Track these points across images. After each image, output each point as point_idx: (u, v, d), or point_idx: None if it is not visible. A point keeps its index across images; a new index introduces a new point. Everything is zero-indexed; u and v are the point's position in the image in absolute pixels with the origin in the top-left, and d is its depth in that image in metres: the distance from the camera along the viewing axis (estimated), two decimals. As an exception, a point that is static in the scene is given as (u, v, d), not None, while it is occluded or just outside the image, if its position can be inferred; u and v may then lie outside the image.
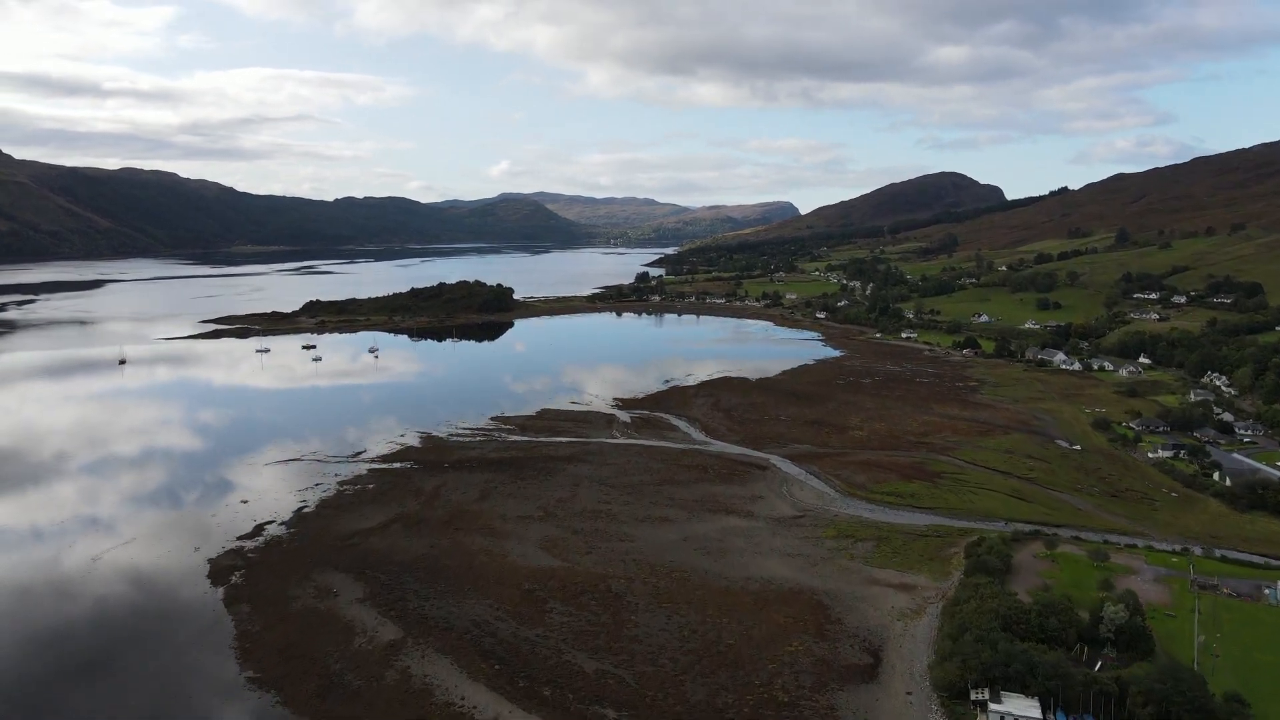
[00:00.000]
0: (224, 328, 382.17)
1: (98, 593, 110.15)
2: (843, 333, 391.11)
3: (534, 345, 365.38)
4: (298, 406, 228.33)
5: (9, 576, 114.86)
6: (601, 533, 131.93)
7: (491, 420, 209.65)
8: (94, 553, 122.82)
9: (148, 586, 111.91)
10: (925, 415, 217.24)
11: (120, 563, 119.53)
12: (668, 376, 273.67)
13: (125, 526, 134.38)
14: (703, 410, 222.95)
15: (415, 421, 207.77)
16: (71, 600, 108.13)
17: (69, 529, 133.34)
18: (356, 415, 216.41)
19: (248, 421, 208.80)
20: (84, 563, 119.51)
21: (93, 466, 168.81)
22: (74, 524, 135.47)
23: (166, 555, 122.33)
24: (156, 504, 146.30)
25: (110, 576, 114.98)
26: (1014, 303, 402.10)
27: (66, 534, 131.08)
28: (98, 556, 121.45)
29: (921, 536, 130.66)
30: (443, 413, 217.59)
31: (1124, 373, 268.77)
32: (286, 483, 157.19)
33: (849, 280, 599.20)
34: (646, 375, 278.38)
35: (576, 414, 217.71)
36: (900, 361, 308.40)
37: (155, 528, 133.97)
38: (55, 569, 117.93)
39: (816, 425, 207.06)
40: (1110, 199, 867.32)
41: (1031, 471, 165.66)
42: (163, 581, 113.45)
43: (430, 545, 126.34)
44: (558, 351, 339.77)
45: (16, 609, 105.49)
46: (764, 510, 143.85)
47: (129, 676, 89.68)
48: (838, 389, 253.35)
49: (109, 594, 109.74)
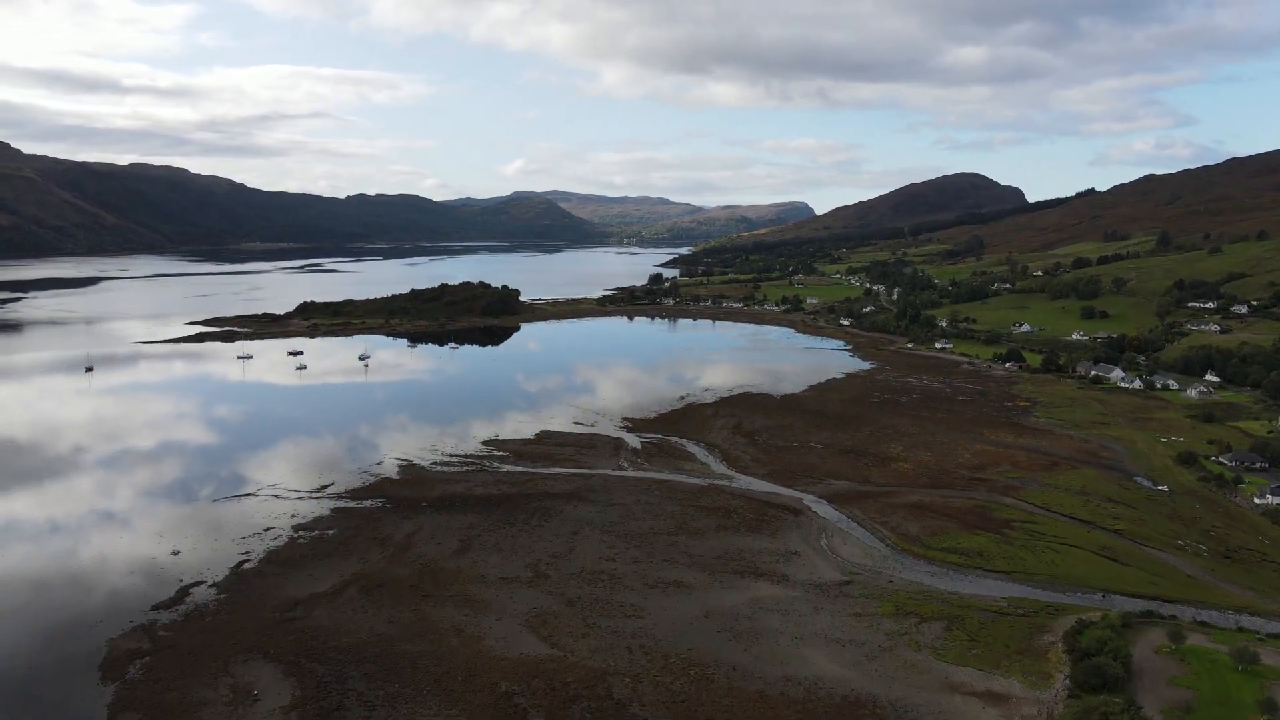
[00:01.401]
0: (210, 330, 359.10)
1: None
2: (870, 342, 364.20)
3: (538, 353, 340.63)
4: (267, 426, 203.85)
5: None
6: (603, 604, 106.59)
7: (483, 445, 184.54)
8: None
9: (10, 688, 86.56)
10: (976, 443, 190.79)
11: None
12: (683, 392, 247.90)
13: (7, 592, 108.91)
14: (723, 435, 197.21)
15: (396, 445, 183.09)
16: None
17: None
18: (331, 437, 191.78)
19: (204, 445, 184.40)
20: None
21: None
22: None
23: (53, 634, 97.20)
24: (60, 557, 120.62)
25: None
26: (1055, 311, 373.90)
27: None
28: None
29: (1002, 615, 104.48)
30: (429, 435, 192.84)
31: (1193, 393, 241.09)
32: (232, 527, 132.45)
33: (872, 284, 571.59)
34: (659, 390, 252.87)
35: (580, 438, 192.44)
36: (937, 376, 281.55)
37: (50, 592, 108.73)
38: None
39: (854, 455, 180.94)
40: (1142, 201, 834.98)
41: (1117, 521, 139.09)
42: (35, 677, 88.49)
43: (389, 620, 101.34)
44: (563, 361, 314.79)
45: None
46: (802, 572, 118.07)
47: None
48: (872, 409, 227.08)
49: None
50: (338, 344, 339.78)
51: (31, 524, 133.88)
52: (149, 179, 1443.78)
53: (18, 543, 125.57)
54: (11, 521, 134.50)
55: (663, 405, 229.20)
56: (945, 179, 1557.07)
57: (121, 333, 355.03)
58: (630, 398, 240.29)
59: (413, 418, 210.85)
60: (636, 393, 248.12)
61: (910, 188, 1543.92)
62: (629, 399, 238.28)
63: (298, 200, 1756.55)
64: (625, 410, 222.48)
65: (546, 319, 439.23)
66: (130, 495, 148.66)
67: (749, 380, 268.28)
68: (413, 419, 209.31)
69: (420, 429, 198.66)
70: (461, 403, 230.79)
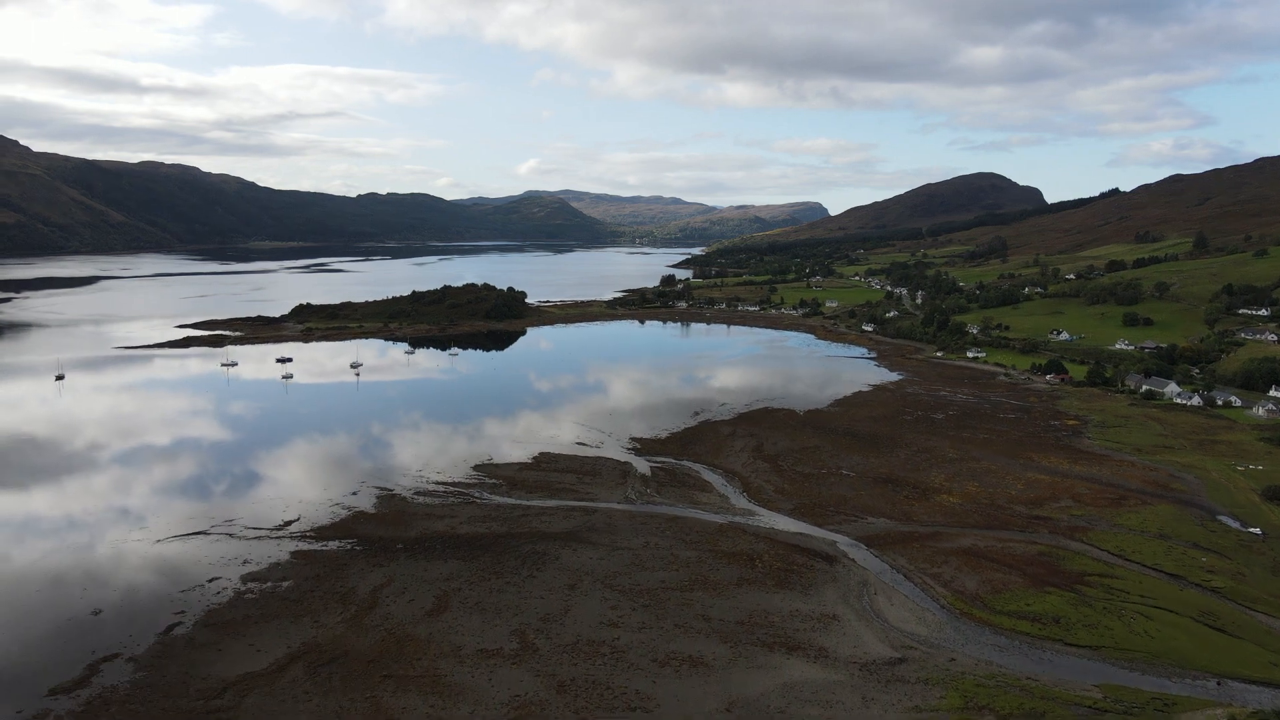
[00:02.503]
0: (198, 334, 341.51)
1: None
2: (896, 350, 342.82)
3: (542, 361, 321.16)
4: (238, 446, 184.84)
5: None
6: (602, 689, 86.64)
7: (474, 470, 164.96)
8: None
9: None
10: (1028, 470, 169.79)
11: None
12: (697, 407, 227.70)
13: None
14: (743, 459, 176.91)
15: (377, 469, 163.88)
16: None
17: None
18: (307, 459, 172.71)
19: (167, 468, 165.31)
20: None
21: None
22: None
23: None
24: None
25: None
26: (1093, 317, 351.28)
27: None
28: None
29: (1100, 712, 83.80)
30: (415, 457, 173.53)
31: (1260, 411, 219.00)
32: (171, 575, 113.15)
33: (893, 287, 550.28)
34: (672, 404, 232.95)
35: (583, 462, 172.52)
36: (972, 389, 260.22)
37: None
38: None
39: (890, 485, 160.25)
40: (1171, 201, 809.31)
41: (1212, 576, 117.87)
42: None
43: (337, 713, 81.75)
44: (569, 370, 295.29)
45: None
46: (843, 645, 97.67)
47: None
48: (906, 427, 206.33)
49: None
50: (332, 350, 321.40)
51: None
52: (159, 177, 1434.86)
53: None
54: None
55: (675, 422, 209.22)
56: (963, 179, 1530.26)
57: (105, 336, 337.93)
58: (640, 413, 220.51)
59: (400, 436, 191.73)
60: (647, 407, 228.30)
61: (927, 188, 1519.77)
62: (638, 414, 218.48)
63: (309, 199, 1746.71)
64: (634, 427, 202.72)
65: (554, 323, 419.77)
66: (58, 532, 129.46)
67: (768, 392, 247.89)
68: (400, 438, 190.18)
69: (407, 450, 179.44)
70: (456, 418, 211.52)
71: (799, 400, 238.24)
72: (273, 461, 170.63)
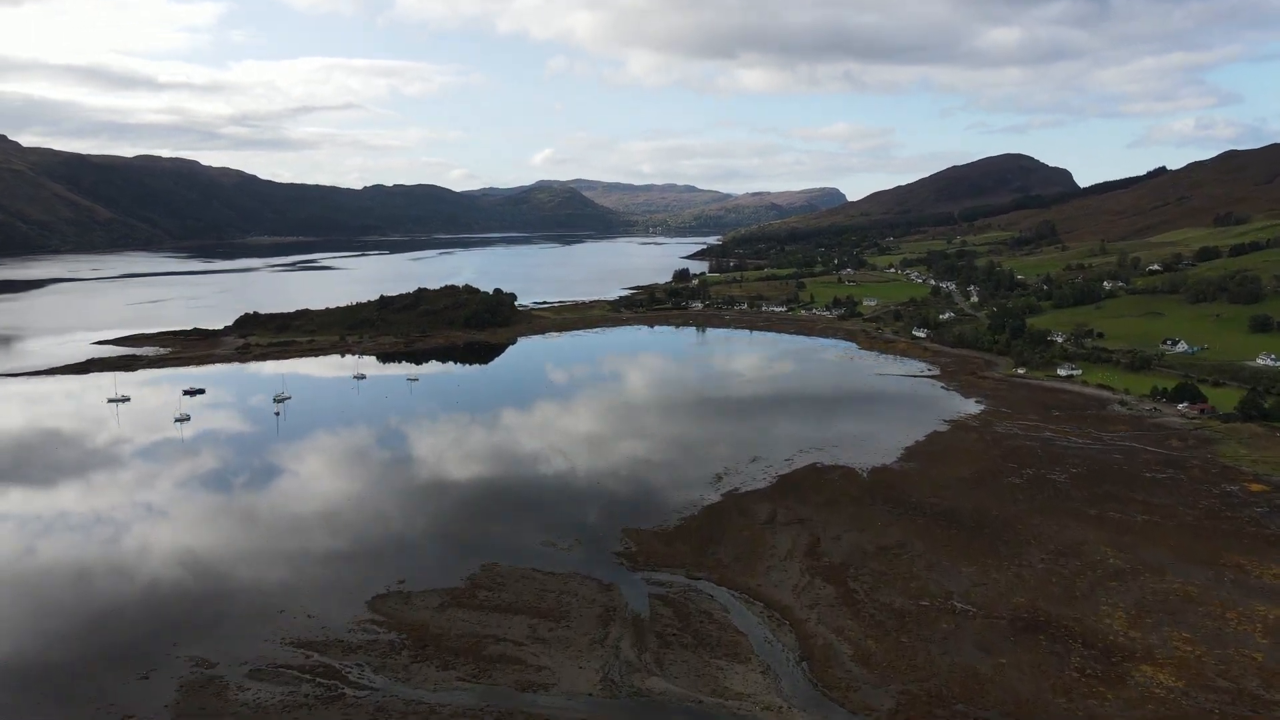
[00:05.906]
0: (110, 354, 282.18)
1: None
2: (960, 364, 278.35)
3: (524, 385, 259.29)
4: (24, 568, 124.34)
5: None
6: None
7: (369, 611, 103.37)
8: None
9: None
10: (1245, 594, 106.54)
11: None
12: (720, 464, 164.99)
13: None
14: (793, 576, 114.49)
15: (212, 618, 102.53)
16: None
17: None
18: (106, 601, 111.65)
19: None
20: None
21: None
22: None
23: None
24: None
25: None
26: (1205, 319, 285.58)
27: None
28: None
29: None
30: (289, 577, 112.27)
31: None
32: None
33: (938, 280, 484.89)
34: (686, 457, 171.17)
35: (544, 586, 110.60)
36: (1081, 425, 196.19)
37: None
38: None
39: (1045, 637, 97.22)
40: (1234, 179, 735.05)
41: None
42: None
43: None
44: (553, 398, 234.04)
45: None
46: None
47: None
48: (1020, 499, 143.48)
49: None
50: (266, 374, 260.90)
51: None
52: (156, 172, 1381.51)
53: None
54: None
55: (690, 495, 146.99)
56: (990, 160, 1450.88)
57: (1, 358, 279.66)
58: (640, 478, 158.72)
59: (276, 543, 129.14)
60: (650, 466, 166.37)
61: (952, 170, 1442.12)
62: (637, 481, 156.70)
63: (312, 192, 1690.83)
64: (629, 507, 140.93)
65: (547, 331, 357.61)
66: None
67: (814, 437, 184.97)
68: (275, 546, 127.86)
69: (278, 568, 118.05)
70: (375, 500, 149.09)
71: (855, 449, 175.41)
72: (51, 604, 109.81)
